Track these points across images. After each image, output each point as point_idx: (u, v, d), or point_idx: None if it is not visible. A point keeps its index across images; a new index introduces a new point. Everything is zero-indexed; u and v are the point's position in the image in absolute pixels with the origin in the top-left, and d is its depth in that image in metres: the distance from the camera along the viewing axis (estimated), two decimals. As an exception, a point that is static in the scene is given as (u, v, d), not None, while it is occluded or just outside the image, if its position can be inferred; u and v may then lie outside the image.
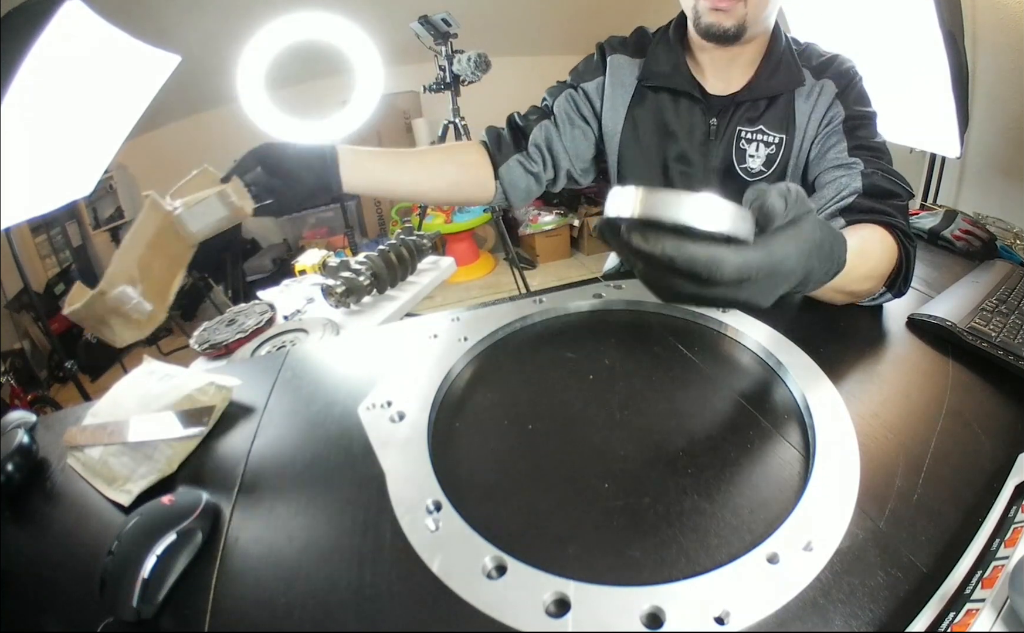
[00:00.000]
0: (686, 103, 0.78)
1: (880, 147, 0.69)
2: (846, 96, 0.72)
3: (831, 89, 0.73)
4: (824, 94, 0.73)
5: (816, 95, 0.73)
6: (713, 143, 0.77)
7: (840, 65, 0.74)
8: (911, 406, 0.47)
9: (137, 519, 0.37)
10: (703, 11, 0.69)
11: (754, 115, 0.76)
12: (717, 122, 0.76)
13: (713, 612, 0.30)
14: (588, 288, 0.66)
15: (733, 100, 0.75)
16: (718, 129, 0.77)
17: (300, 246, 3.06)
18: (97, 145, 1.68)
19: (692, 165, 0.79)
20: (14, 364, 2.16)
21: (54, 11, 1.16)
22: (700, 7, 0.69)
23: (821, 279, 0.42)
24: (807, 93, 0.73)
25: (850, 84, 0.73)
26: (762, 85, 0.74)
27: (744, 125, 0.76)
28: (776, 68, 0.74)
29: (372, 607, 0.33)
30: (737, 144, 0.77)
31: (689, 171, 0.80)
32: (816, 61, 0.75)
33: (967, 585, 0.30)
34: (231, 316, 1.09)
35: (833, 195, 0.66)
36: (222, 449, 0.49)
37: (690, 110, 0.78)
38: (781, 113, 0.75)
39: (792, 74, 0.74)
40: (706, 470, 0.40)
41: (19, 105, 1.20)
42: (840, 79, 0.73)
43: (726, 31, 0.68)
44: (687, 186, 0.80)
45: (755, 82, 0.74)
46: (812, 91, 0.73)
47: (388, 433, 0.46)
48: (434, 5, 1.97)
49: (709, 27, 0.69)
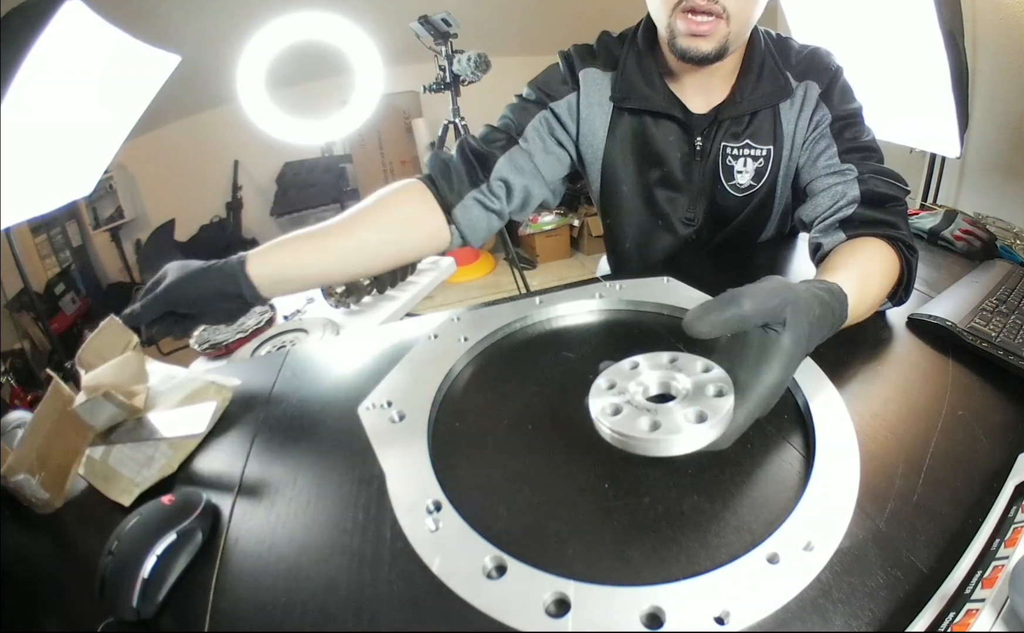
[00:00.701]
0: (666, 124, 0.73)
1: (870, 145, 0.66)
2: (830, 95, 0.69)
3: (815, 91, 0.69)
4: (808, 97, 0.70)
5: (800, 100, 0.70)
6: (698, 163, 0.74)
7: (820, 61, 0.70)
8: (911, 406, 0.47)
9: (137, 519, 0.37)
10: (678, 33, 0.63)
11: (738, 130, 0.72)
12: (702, 142, 0.72)
13: (713, 612, 0.30)
14: (588, 288, 0.66)
15: (716, 117, 0.71)
16: (703, 149, 0.73)
17: (300, 246, 3.06)
18: (97, 145, 1.68)
19: (678, 188, 0.76)
20: (14, 364, 2.15)
21: (54, 11, 1.16)
22: (676, 27, 0.62)
23: (823, 340, 0.43)
24: (791, 100, 0.70)
25: (832, 81, 0.69)
26: (746, 99, 0.70)
27: (729, 141, 0.72)
28: (759, 77, 0.70)
29: (372, 607, 0.33)
30: (723, 162, 0.73)
31: (675, 196, 0.77)
32: (795, 60, 0.71)
33: (967, 585, 0.29)
34: (231, 316, 1.09)
35: (830, 204, 0.63)
36: (222, 449, 0.49)
37: (671, 130, 0.73)
38: (767, 125, 0.71)
39: (777, 84, 0.70)
40: (706, 470, 0.40)
41: (19, 105, 1.20)
42: (822, 77, 0.70)
43: (705, 56, 0.63)
44: (673, 210, 0.77)
45: (739, 95, 0.70)
46: (796, 96, 0.70)
47: (388, 433, 0.46)
48: (434, 5, 1.97)
49: (685, 52, 0.63)
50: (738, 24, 0.62)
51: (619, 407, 0.35)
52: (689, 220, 0.78)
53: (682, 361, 0.38)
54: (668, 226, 0.79)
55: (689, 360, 0.38)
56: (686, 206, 0.77)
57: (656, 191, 0.77)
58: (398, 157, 3.24)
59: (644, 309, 0.63)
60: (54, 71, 1.28)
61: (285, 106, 1.88)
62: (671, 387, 0.37)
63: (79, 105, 1.46)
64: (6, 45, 1.13)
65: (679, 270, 0.68)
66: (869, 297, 0.53)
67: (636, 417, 0.34)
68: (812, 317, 0.39)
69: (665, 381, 0.37)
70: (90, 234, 2.78)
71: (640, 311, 0.63)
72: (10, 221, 1.45)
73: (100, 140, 1.68)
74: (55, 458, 0.44)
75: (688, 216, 0.78)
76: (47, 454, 0.44)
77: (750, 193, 0.75)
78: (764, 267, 0.80)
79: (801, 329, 0.37)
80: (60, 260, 2.57)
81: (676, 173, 0.75)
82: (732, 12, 0.61)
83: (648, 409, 0.34)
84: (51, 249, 2.53)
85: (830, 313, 0.42)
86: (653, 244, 0.81)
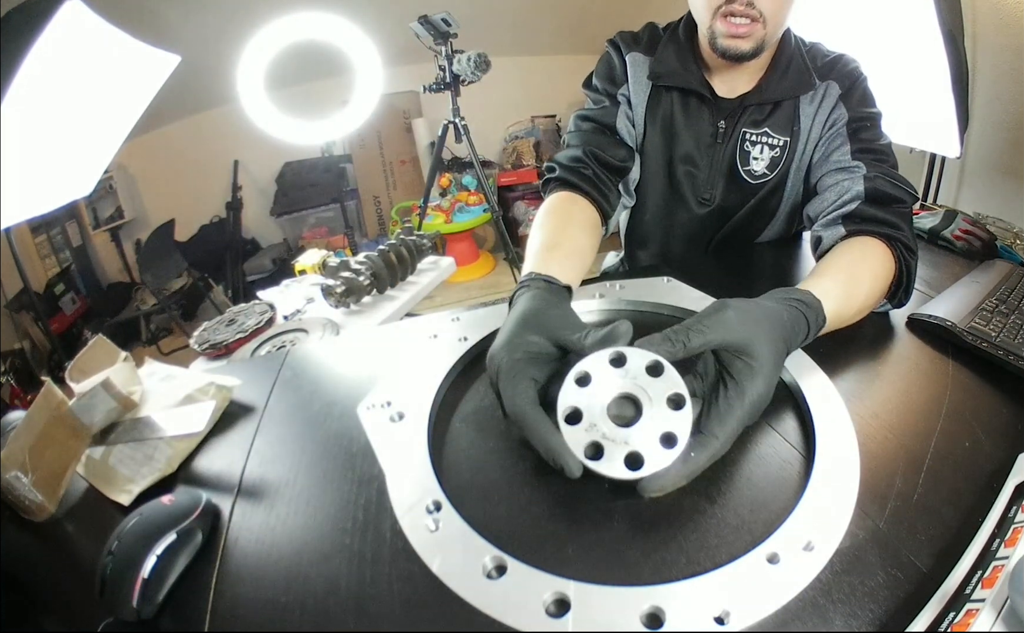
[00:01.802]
0: (695, 103, 0.77)
1: (885, 149, 0.68)
2: (850, 97, 0.71)
3: (835, 91, 0.72)
4: (828, 96, 0.72)
5: (820, 97, 0.72)
6: (719, 146, 0.77)
7: (844, 65, 0.73)
8: (911, 406, 0.47)
9: (137, 519, 0.37)
10: (719, 34, 0.67)
11: (759, 118, 0.75)
12: (725, 125, 0.76)
13: (713, 612, 0.30)
14: (589, 288, 0.66)
15: (741, 103, 0.75)
16: (725, 132, 0.76)
17: (300, 246, 3.06)
18: (97, 145, 1.68)
19: (697, 166, 0.79)
20: (14, 364, 2.15)
21: (54, 11, 1.16)
22: (716, 29, 0.67)
23: (796, 347, 0.47)
24: (811, 95, 0.73)
25: (854, 85, 0.72)
26: (772, 88, 0.73)
27: (749, 127, 0.75)
28: (786, 71, 0.73)
29: (372, 607, 0.33)
30: (741, 146, 0.76)
31: (694, 172, 0.80)
32: (821, 61, 0.74)
33: (967, 585, 0.30)
34: (231, 316, 1.09)
35: (834, 199, 0.65)
36: (222, 449, 0.49)
37: (699, 111, 0.77)
38: (786, 116, 0.74)
39: (803, 78, 0.73)
40: (706, 470, 0.40)
41: (19, 105, 1.20)
42: (844, 80, 0.72)
43: (743, 54, 0.67)
44: (692, 188, 0.80)
45: (765, 85, 0.74)
46: (816, 93, 0.73)
47: (388, 433, 0.46)
48: (434, 5, 1.97)
49: (726, 51, 0.68)
50: (773, 25, 0.67)
51: (597, 445, 0.37)
52: (705, 200, 0.81)
53: (630, 364, 0.39)
54: (685, 203, 0.82)
55: (635, 358, 0.39)
56: (703, 185, 0.80)
57: (678, 166, 0.80)
58: (398, 157, 3.24)
59: (644, 309, 0.63)
60: (54, 71, 1.28)
61: (285, 106, 1.88)
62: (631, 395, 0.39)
63: (79, 105, 1.46)
64: (6, 45, 1.13)
65: (681, 270, 0.68)
66: (857, 299, 0.54)
67: (613, 454, 0.36)
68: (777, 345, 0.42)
69: (624, 391, 0.39)
70: (90, 234, 2.77)
71: (640, 311, 0.63)
72: (10, 221, 1.45)
73: (100, 140, 1.68)
74: (48, 461, 0.44)
75: (704, 196, 0.81)
76: (39, 455, 0.44)
77: (763, 181, 0.78)
78: (765, 268, 0.81)
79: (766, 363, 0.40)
80: (60, 260, 2.57)
81: (698, 153, 0.78)
82: (768, 14, 0.65)
83: (623, 441, 0.37)
84: (51, 249, 2.53)
85: (802, 327, 0.46)
86: (670, 218, 0.85)
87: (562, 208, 0.69)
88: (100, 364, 0.53)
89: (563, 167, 0.72)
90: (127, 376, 0.52)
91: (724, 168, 0.78)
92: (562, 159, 0.74)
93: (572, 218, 0.68)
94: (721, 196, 0.80)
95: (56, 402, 0.46)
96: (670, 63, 0.76)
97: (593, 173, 0.72)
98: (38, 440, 0.44)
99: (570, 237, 0.63)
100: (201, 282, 2.84)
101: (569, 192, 0.71)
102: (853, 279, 0.54)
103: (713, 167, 0.78)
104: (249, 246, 3.18)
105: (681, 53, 0.76)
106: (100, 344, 0.55)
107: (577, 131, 0.77)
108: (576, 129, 0.78)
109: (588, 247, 0.65)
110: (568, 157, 0.73)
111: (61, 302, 2.47)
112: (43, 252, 2.49)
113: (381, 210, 3.35)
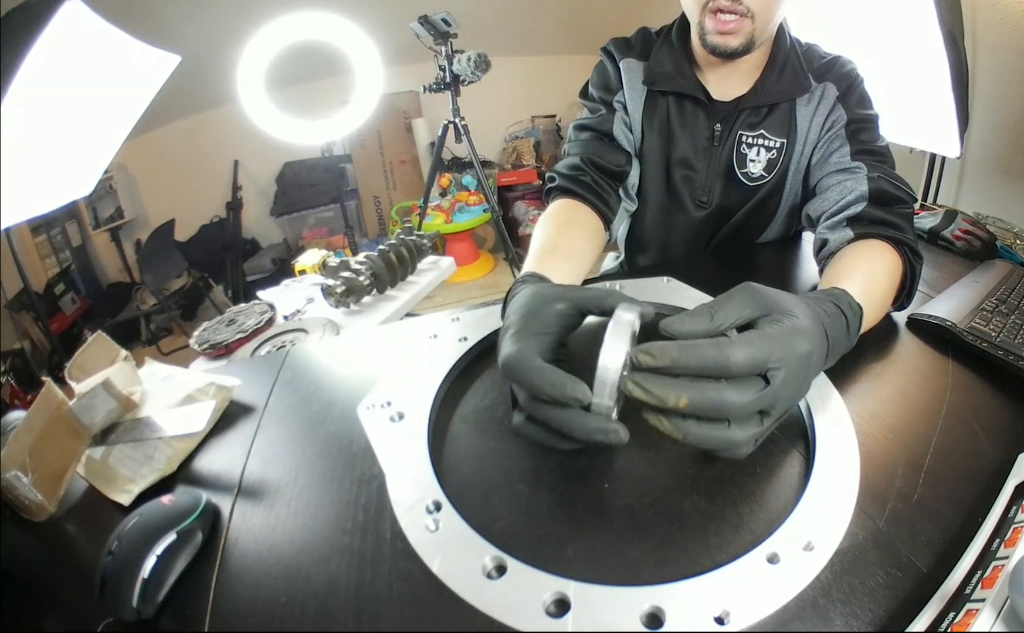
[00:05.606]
0: (691, 107, 0.77)
1: (883, 151, 0.68)
2: (848, 99, 0.71)
3: (832, 92, 0.72)
4: (826, 98, 0.72)
5: (817, 99, 0.72)
6: (716, 148, 0.77)
7: (841, 67, 0.73)
8: (911, 406, 0.47)
9: (137, 519, 0.37)
10: (708, 31, 0.68)
11: (755, 120, 0.75)
12: (721, 127, 0.76)
13: (713, 612, 0.30)
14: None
15: (737, 106, 0.75)
16: (722, 134, 0.76)
17: (300, 246, 3.06)
18: (97, 145, 1.68)
19: (695, 170, 0.79)
20: (14, 364, 2.16)
21: (54, 11, 1.16)
22: (706, 26, 0.68)
23: (845, 350, 0.46)
24: (808, 97, 0.73)
25: (852, 86, 0.72)
26: (768, 90, 0.73)
27: (745, 130, 0.75)
28: (782, 72, 0.73)
29: (372, 607, 0.33)
30: (738, 149, 0.76)
31: (692, 175, 0.80)
32: (817, 63, 0.74)
33: (967, 585, 0.29)
34: (231, 316, 1.10)
35: (838, 199, 0.65)
36: (222, 449, 0.49)
37: (695, 114, 0.77)
38: (782, 118, 0.74)
39: (798, 79, 0.73)
40: (706, 470, 0.40)
41: (19, 105, 1.20)
42: (841, 82, 0.72)
43: (733, 51, 0.68)
44: (689, 191, 0.81)
45: (760, 87, 0.74)
46: (813, 95, 0.73)
47: (388, 433, 0.46)
48: (434, 5, 1.97)
49: (715, 47, 0.68)
50: (762, 21, 0.67)
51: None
52: (703, 203, 0.81)
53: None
54: (683, 206, 0.82)
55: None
56: (701, 188, 0.80)
57: (676, 170, 0.80)
58: (398, 157, 3.24)
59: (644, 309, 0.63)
60: (54, 71, 1.28)
61: (285, 106, 1.88)
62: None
63: (79, 105, 1.46)
64: (6, 45, 1.13)
65: (680, 270, 0.68)
66: (877, 304, 0.54)
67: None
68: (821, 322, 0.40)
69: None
70: (90, 234, 2.78)
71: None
72: (10, 221, 1.45)
73: (100, 140, 1.68)
74: (48, 460, 0.44)
75: (702, 199, 0.81)
76: (39, 455, 0.44)
77: (760, 183, 0.78)
78: (766, 269, 0.80)
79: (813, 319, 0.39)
80: (60, 260, 2.57)
81: (694, 156, 0.79)
82: (756, 10, 0.65)
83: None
84: (51, 249, 2.53)
85: (840, 323, 0.45)
86: (668, 222, 0.85)
87: (561, 214, 0.70)
88: (100, 361, 0.53)
89: (563, 176, 0.74)
90: (127, 376, 0.52)
91: (721, 171, 0.78)
92: (561, 168, 0.75)
93: (570, 223, 0.69)
94: (719, 199, 0.80)
95: (56, 402, 0.46)
96: (665, 67, 0.77)
97: (592, 179, 0.73)
98: (38, 440, 0.44)
99: (567, 240, 0.64)
100: (201, 282, 2.85)
101: (569, 199, 0.72)
102: (873, 284, 0.53)
103: (710, 170, 0.78)
104: (249, 246, 3.18)
105: (675, 57, 0.76)
106: (100, 341, 0.55)
107: (575, 141, 0.78)
108: (574, 139, 0.79)
109: (587, 250, 0.66)
110: (567, 166, 0.75)
111: (61, 302, 2.47)
112: (43, 252, 2.49)
113: (381, 210, 3.35)
